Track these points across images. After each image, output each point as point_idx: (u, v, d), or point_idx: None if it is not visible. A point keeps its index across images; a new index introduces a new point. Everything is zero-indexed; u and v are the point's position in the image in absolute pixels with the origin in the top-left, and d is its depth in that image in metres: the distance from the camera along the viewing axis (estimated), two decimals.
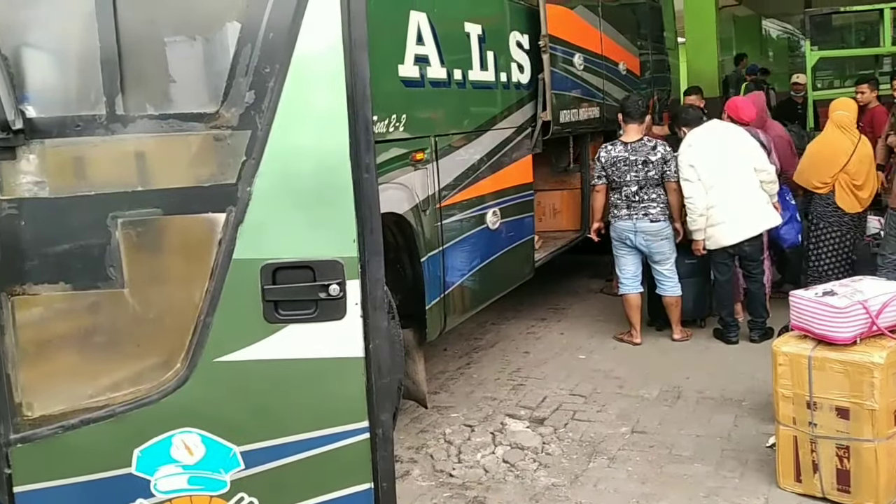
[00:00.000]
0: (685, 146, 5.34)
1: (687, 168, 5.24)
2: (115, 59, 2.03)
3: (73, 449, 2.15)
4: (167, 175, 2.13)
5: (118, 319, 2.15)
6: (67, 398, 2.16)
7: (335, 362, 2.14)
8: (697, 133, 5.36)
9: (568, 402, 4.67)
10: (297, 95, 2.06)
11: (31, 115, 2.04)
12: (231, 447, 2.16)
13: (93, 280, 2.10)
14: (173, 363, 2.13)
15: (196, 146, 2.11)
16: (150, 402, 2.13)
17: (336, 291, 2.09)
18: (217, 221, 2.09)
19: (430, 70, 4.21)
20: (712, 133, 5.34)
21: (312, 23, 2.05)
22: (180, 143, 2.11)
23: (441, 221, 4.32)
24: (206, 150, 2.11)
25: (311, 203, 2.11)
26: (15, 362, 2.12)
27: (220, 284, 2.10)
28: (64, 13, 2.09)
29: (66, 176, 2.12)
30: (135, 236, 2.10)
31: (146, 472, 2.16)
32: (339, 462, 2.18)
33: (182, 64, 2.14)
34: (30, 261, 2.09)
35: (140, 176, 2.12)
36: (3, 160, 2.05)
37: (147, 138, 2.09)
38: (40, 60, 2.10)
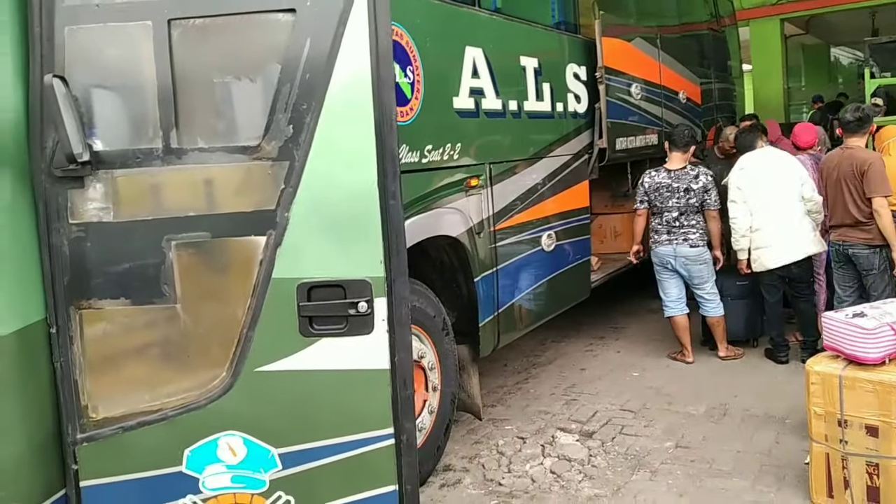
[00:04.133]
0: (737, 168, 5.22)
1: (735, 189, 5.12)
2: (170, 98, 2.15)
3: (131, 448, 2.27)
4: (215, 202, 2.24)
5: (171, 332, 2.26)
6: (127, 402, 2.28)
7: (363, 373, 2.19)
8: (750, 157, 5.21)
9: (617, 417, 4.58)
10: (330, 129, 2.14)
11: (97, 148, 2.18)
12: (270, 449, 2.22)
13: (149, 296, 2.22)
14: (219, 372, 2.22)
15: (240, 176, 2.21)
16: (199, 407, 2.23)
17: (364, 308, 2.14)
18: (258, 244, 2.18)
19: (485, 101, 4.24)
20: (764, 159, 5.19)
21: (344, 64, 2.13)
22: (227, 173, 2.21)
23: (495, 244, 4.33)
24: (249, 180, 2.21)
25: (343, 227, 2.17)
26: (82, 369, 2.25)
27: (260, 301, 2.18)
28: (125, 57, 2.23)
29: (127, 202, 2.25)
30: (186, 257, 2.21)
31: (195, 470, 2.25)
32: (367, 465, 2.23)
33: (229, 102, 2.25)
34: (95, 278, 2.23)
35: (191, 202, 2.23)
36: (73, 188, 2.20)
37: (198, 169, 2.20)
38: (105, 99, 2.24)
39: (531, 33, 4.91)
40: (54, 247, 2.20)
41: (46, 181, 2.18)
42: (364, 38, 2.11)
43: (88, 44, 2.19)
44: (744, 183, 5.09)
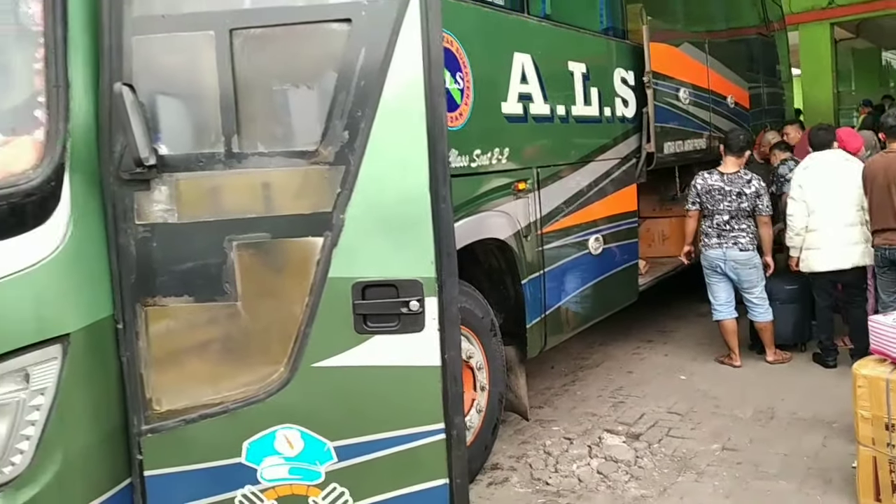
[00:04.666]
0: (801, 167, 5.17)
1: (796, 187, 5.06)
2: (232, 105, 2.22)
3: (192, 439, 2.34)
4: (274, 204, 2.30)
5: (232, 328, 2.33)
6: (189, 395, 2.35)
7: (415, 370, 2.23)
8: (817, 157, 5.13)
9: (664, 420, 4.55)
10: (383, 135, 2.19)
11: (163, 152, 2.26)
12: (325, 442, 2.28)
13: (211, 294, 2.29)
14: (277, 367, 2.29)
15: (298, 179, 2.27)
16: (258, 401, 2.29)
17: (416, 307, 2.18)
18: (316, 244, 2.23)
19: (534, 106, 4.26)
20: (831, 160, 5.09)
21: (397, 71, 2.17)
22: (285, 176, 2.27)
23: (542, 247, 4.34)
24: (306, 183, 2.27)
25: (395, 229, 2.21)
26: (146, 363, 2.34)
27: (317, 299, 2.24)
28: (189, 65, 2.31)
29: (191, 204, 2.32)
30: (247, 256, 2.28)
31: (254, 461, 2.31)
32: (418, 459, 2.26)
33: (287, 108, 2.31)
34: (160, 276, 2.31)
35: (252, 204, 2.30)
36: (139, 191, 2.28)
37: (258, 172, 2.27)
38: (170, 106, 2.32)
39: (579, 39, 4.91)
40: (122, 246, 2.28)
41: (114, 184, 2.27)
42: (416, 47, 2.15)
43: (154, 53, 2.27)
44: (806, 181, 5.03)
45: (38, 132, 2.19)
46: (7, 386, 2.22)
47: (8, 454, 2.23)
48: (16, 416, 2.22)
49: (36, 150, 2.18)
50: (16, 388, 2.22)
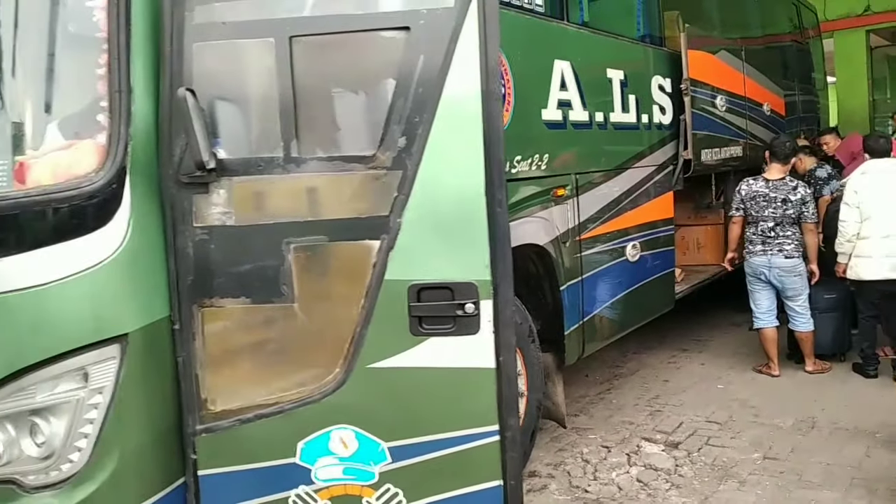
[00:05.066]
0: (858, 172, 5.13)
1: (850, 192, 5.02)
2: (291, 110, 2.27)
3: (247, 439, 2.38)
4: (332, 207, 2.34)
5: (288, 330, 2.37)
6: (244, 395, 2.40)
7: (470, 372, 2.26)
8: (875, 164, 5.10)
9: (703, 429, 4.53)
10: (440, 140, 2.22)
11: (221, 156, 2.31)
12: (380, 443, 2.31)
13: (268, 295, 2.34)
14: (333, 368, 2.32)
15: (356, 183, 2.31)
16: (313, 402, 2.33)
17: (471, 310, 2.21)
18: (372, 247, 2.27)
19: (573, 113, 4.29)
20: (888, 170, 5.06)
21: (455, 78, 2.21)
22: (343, 180, 2.31)
23: (580, 253, 4.35)
24: (364, 187, 2.30)
25: (451, 232, 2.24)
26: (202, 364, 2.38)
27: (373, 301, 2.27)
28: (249, 72, 2.37)
29: (249, 207, 2.37)
30: (304, 259, 2.32)
31: (308, 461, 2.35)
32: (473, 460, 2.29)
33: (346, 114, 2.35)
34: (217, 278, 2.36)
35: (309, 208, 2.34)
36: (198, 194, 2.34)
37: (316, 176, 2.32)
38: (229, 111, 2.37)
39: (617, 46, 4.93)
40: (179, 248, 2.33)
41: (173, 187, 2.32)
42: (474, 54, 2.19)
43: (215, 59, 2.33)
44: (861, 188, 5.00)
45: (100, 136, 2.26)
46: (66, 384, 2.28)
47: (67, 452, 2.30)
48: (75, 415, 2.28)
49: (98, 154, 2.25)
50: (75, 386, 2.29)
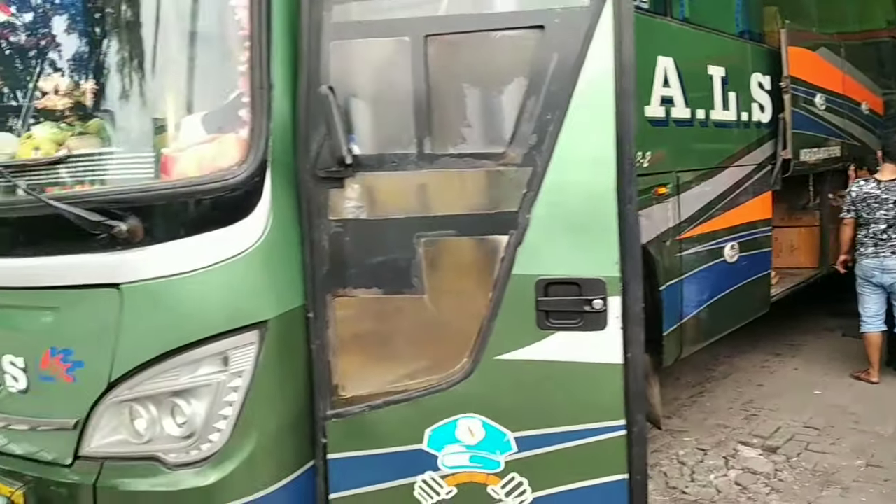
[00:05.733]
0: None
1: None
2: (424, 108, 2.36)
3: (376, 425, 2.48)
4: (462, 203, 2.42)
5: (417, 320, 2.46)
6: (374, 383, 2.50)
7: (596, 367, 2.31)
8: None
9: (801, 434, 4.49)
10: (571, 138, 2.28)
11: (357, 152, 2.41)
12: (506, 433, 2.38)
13: (399, 287, 2.43)
14: (460, 358, 2.40)
15: (486, 180, 2.38)
16: (441, 390, 2.41)
17: (599, 306, 2.26)
18: (500, 242, 2.34)
19: (675, 110, 4.28)
20: None
21: (588, 77, 2.26)
22: (473, 177, 2.39)
23: (680, 253, 4.34)
24: (494, 184, 2.38)
25: (580, 229, 2.30)
26: (334, 351, 2.49)
27: (500, 295, 2.34)
28: (384, 70, 2.46)
29: (381, 202, 2.47)
30: (434, 252, 2.40)
31: (435, 448, 2.44)
32: (598, 453, 2.34)
33: (478, 112, 2.43)
34: (350, 269, 2.46)
35: (440, 203, 2.43)
36: (333, 188, 2.44)
37: (447, 173, 2.40)
38: (365, 108, 2.47)
39: (718, 42, 4.89)
40: (315, 240, 2.44)
41: (310, 181, 2.43)
42: (608, 52, 2.24)
43: (351, 57, 2.43)
44: None
45: (243, 131, 2.38)
46: (207, 368, 2.42)
47: (207, 432, 2.43)
48: (215, 397, 2.42)
49: (241, 148, 2.37)
50: (215, 370, 2.42)
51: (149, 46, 2.61)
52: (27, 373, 2.61)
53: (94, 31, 2.88)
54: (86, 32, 2.88)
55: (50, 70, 2.88)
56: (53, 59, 2.91)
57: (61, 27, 2.92)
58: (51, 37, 2.93)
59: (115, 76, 2.69)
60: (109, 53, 2.75)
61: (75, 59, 2.88)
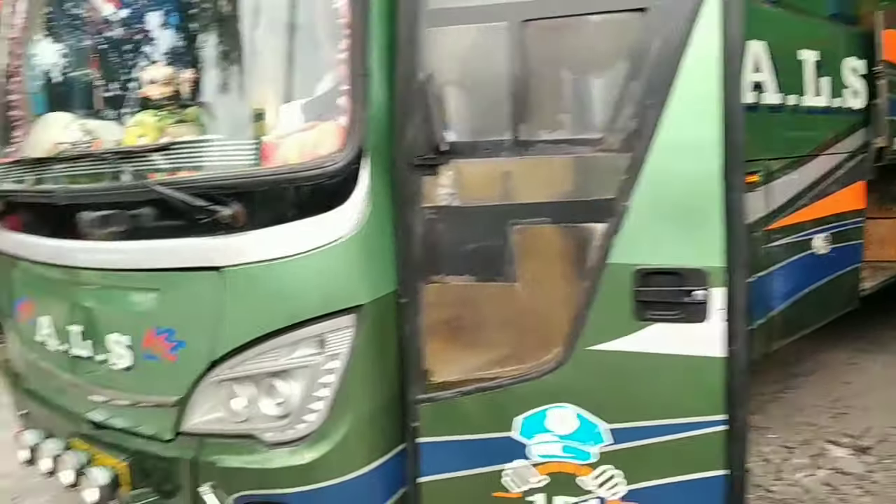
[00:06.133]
0: None
1: None
2: (521, 94, 2.33)
3: (466, 411, 2.49)
4: (557, 190, 2.39)
5: (509, 308, 2.45)
6: (464, 369, 2.50)
7: (696, 360, 2.26)
8: None
9: (894, 435, 4.30)
10: (673, 124, 2.22)
11: (451, 139, 2.41)
12: (599, 424, 2.36)
13: (491, 274, 2.43)
14: (553, 347, 2.38)
15: (583, 167, 2.34)
16: (532, 379, 2.40)
17: (701, 297, 2.21)
18: (596, 230, 2.31)
19: (766, 96, 4.13)
20: None
21: (692, 61, 2.20)
22: (570, 163, 2.36)
23: (769, 244, 4.21)
24: (590, 170, 2.34)
25: (681, 217, 2.24)
26: (426, 337, 2.50)
27: (596, 284, 2.31)
28: (480, 55, 2.44)
29: (475, 189, 2.45)
30: (527, 240, 2.38)
31: (525, 436, 2.43)
32: (696, 448, 2.29)
33: (576, 97, 2.40)
34: (443, 256, 2.47)
35: (535, 190, 2.40)
36: (427, 175, 2.45)
37: (542, 159, 2.37)
38: (460, 95, 2.46)
39: (810, 25, 4.70)
40: (408, 227, 2.46)
41: (405, 168, 2.44)
42: (715, 35, 2.17)
43: (447, 44, 2.42)
44: None
45: (341, 118, 2.40)
46: (305, 350, 2.47)
47: (303, 413, 2.49)
48: (311, 379, 2.47)
49: (340, 135, 2.39)
50: (312, 352, 2.47)
51: (249, 36, 2.66)
52: (132, 351, 2.71)
53: (195, 22, 2.95)
54: (188, 23, 2.97)
55: (153, 60, 2.97)
56: (157, 49, 3.01)
57: (164, 18, 3.01)
58: (154, 27, 3.02)
59: (217, 65, 2.76)
60: (211, 43, 2.81)
61: (178, 49, 2.97)
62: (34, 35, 3.40)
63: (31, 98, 3.41)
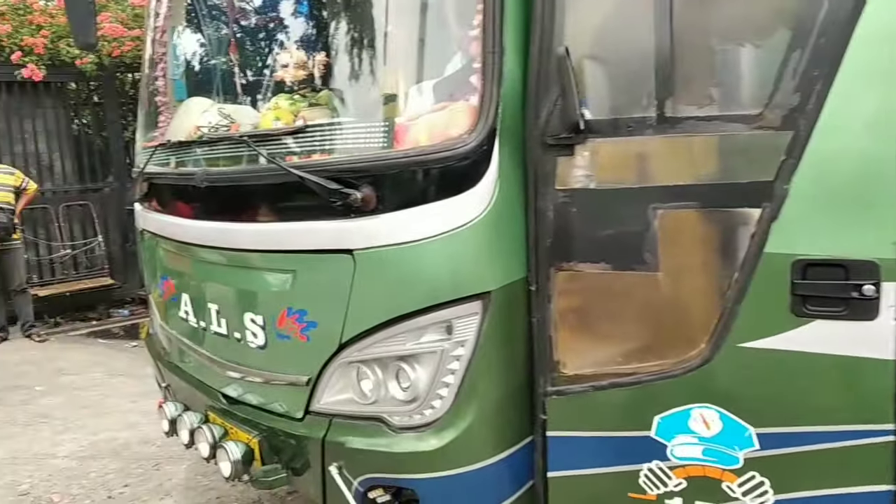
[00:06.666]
0: None
1: None
2: (667, 66, 2.14)
3: (599, 407, 2.35)
4: (706, 171, 2.19)
5: (649, 299, 2.27)
6: (599, 362, 2.36)
7: (862, 362, 2.02)
8: None
9: None
10: (843, 98, 1.98)
11: (589, 117, 2.25)
12: (747, 427, 2.16)
13: (630, 262, 2.26)
14: (697, 343, 2.20)
15: (737, 146, 2.13)
16: (673, 376, 2.23)
17: (870, 292, 1.97)
18: (751, 216, 2.09)
19: None
20: None
21: (867, 28, 1.94)
22: (722, 142, 2.15)
23: None
24: (746, 150, 2.12)
25: (850, 203, 2.00)
26: (556, 327, 2.37)
27: (749, 275, 2.10)
28: (623, 25, 2.26)
29: (614, 170, 2.29)
30: (672, 226, 2.20)
31: (664, 437, 2.26)
32: (858, 459, 2.06)
33: (730, 69, 2.18)
34: (576, 242, 2.32)
35: (681, 172, 2.20)
36: (561, 155, 2.30)
37: (691, 137, 2.17)
38: (599, 69, 2.30)
39: None
40: (540, 211, 2.33)
41: (538, 148, 2.31)
42: None
43: (588, 15, 2.27)
44: None
45: (473, 98, 2.30)
46: (432, 335, 2.40)
47: (429, 399, 2.42)
48: (438, 364, 2.39)
49: (471, 115, 2.29)
50: (439, 338, 2.39)
51: (379, 17, 2.61)
52: (265, 330, 2.73)
53: (327, 6, 2.96)
54: (319, 8, 2.96)
55: (287, 44, 2.98)
56: (290, 34, 3.02)
57: (297, 4, 3.03)
58: (288, 13, 3.04)
59: (347, 48, 2.73)
60: (342, 26, 2.78)
61: (310, 33, 2.97)
62: (176, 24, 3.50)
63: (174, 84, 3.53)
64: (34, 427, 5.36)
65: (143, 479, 4.37)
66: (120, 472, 4.50)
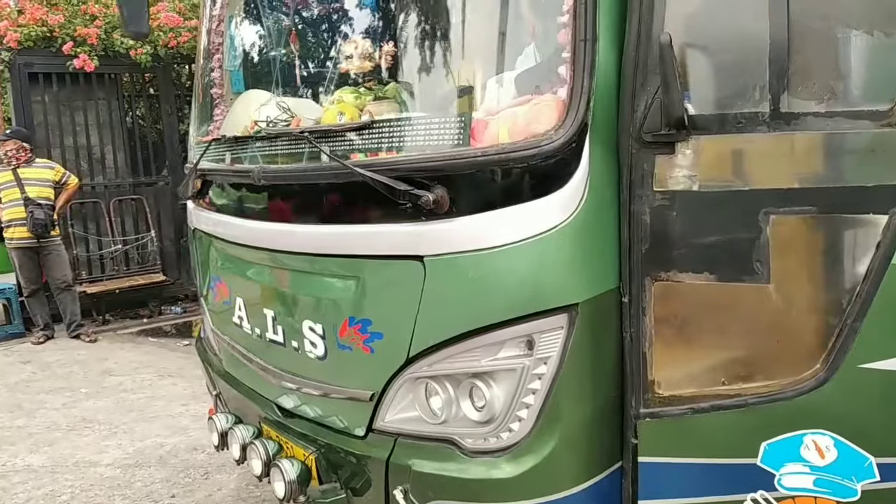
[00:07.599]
0: None
1: None
2: (783, 57, 1.96)
3: (699, 431, 2.17)
4: (826, 173, 2.00)
5: (758, 314, 2.09)
6: (699, 382, 2.18)
7: None
8: None
9: None
10: None
11: (692, 112, 2.07)
12: (868, 457, 1.97)
13: (737, 273, 2.08)
14: (812, 363, 2.02)
15: (863, 144, 1.94)
16: (784, 399, 2.05)
17: None
18: (877, 223, 1.92)
19: None
20: None
21: None
22: (845, 140, 1.96)
23: None
24: (873, 149, 1.94)
25: None
26: (651, 342, 2.19)
27: (873, 288, 1.92)
28: (734, 11, 2.07)
29: (720, 171, 2.10)
30: (786, 233, 2.02)
31: (771, 465, 2.08)
32: None
33: (854, 59, 1.99)
34: (676, 249, 2.14)
35: (797, 173, 2.02)
36: (661, 154, 2.12)
37: (809, 136, 1.99)
38: (704, 60, 2.11)
39: None
40: (635, 215, 2.15)
41: (634, 146, 2.13)
42: None
43: (690, 1, 2.09)
44: None
45: (561, 90, 2.13)
46: (510, 351, 2.23)
47: (507, 420, 2.26)
48: (518, 383, 2.23)
49: (558, 110, 2.12)
50: (519, 353, 2.22)
51: (455, 1, 2.45)
52: (325, 340, 2.60)
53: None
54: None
55: (352, 34, 2.83)
56: (355, 23, 2.88)
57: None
58: None
59: (418, 36, 2.57)
60: (411, 12, 2.64)
61: (376, 21, 2.82)
62: (233, 12, 3.39)
63: (230, 76, 3.41)
64: (77, 432, 5.32)
65: (191, 490, 4.28)
66: (166, 481, 4.42)
